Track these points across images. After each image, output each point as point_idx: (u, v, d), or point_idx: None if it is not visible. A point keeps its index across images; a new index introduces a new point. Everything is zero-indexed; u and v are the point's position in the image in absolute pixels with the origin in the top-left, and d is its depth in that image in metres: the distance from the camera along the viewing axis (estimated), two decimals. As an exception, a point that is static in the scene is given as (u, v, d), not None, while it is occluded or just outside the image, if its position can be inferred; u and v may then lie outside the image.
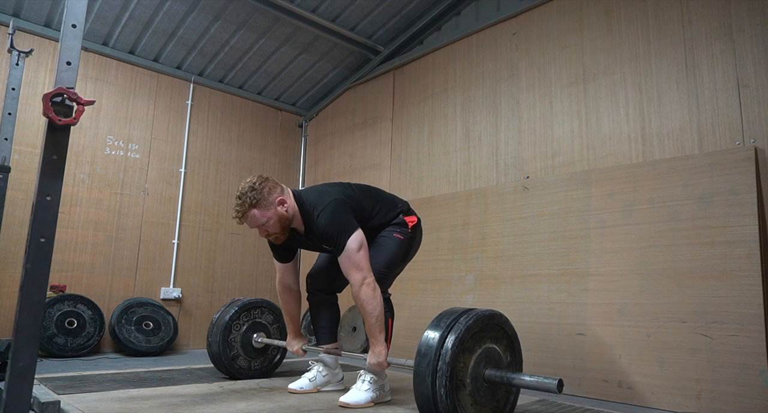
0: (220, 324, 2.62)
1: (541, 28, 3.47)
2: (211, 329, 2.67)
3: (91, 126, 4.10)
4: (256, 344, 2.73)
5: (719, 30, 2.64)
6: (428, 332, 1.69)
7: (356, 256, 2.03)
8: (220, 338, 2.60)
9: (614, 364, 2.54)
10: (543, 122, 3.35)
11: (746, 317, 2.19)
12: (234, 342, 2.66)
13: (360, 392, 2.09)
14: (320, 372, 2.40)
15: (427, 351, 1.63)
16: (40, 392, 1.98)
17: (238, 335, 2.69)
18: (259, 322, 2.79)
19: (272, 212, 2.10)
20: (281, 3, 3.95)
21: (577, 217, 2.89)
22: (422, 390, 1.61)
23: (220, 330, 2.61)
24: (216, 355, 2.63)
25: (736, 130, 2.52)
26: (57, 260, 3.76)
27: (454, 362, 1.59)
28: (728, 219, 2.34)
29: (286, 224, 2.15)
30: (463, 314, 1.70)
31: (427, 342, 1.65)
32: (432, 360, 1.60)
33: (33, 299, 1.39)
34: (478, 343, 1.71)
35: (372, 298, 2.02)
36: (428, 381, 1.58)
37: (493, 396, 1.75)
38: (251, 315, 2.76)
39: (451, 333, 1.63)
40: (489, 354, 1.73)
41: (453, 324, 1.66)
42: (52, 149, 1.46)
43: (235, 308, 2.68)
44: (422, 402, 1.62)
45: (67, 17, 1.50)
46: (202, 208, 4.64)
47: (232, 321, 2.65)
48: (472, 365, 1.67)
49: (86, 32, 4.02)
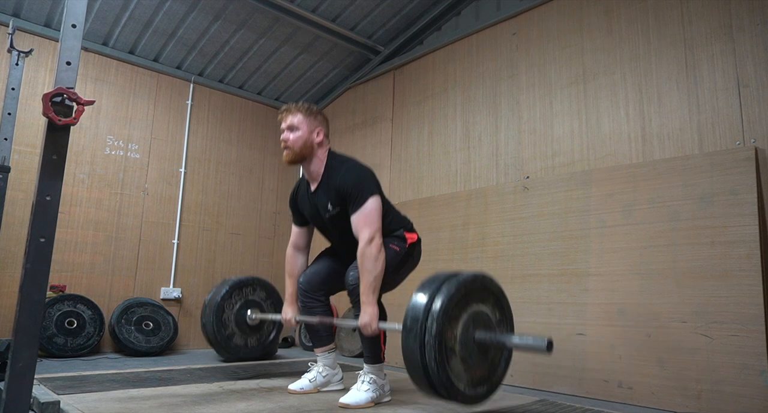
0: (213, 305, 2.60)
1: (541, 28, 3.47)
2: (204, 310, 2.65)
3: (91, 126, 4.10)
4: (250, 321, 2.69)
5: (719, 30, 2.64)
6: (412, 302, 1.64)
7: (373, 214, 2.08)
8: (214, 318, 2.57)
9: (614, 364, 2.54)
10: (543, 122, 3.35)
11: (746, 317, 2.19)
12: (228, 321, 2.63)
13: (360, 392, 2.09)
14: (320, 372, 2.40)
15: (412, 325, 1.58)
16: (40, 392, 1.98)
17: (232, 314, 2.65)
18: (252, 300, 2.76)
19: (306, 130, 2.20)
20: (281, 3, 3.95)
21: (577, 217, 2.89)
22: (413, 362, 1.58)
23: (213, 311, 2.58)
24: (211, 336, 2.60)
25: (736, 130, 2.52)
26: (57, 260, 3.76)
27: (441, 333, 1.55)
28: (728, 219, 2.34)
29: (306, 150, 2.21)
30: (444, 281, 1.65)
31: (413, 313, 1.61)
32: (418, 333, 1.55)
33: (33, 299, 1.39)
34: (464, 308, 1.67)
35: (376, 257, 2.02)
36: (417, 354, 1.55)
37: (485, 357, 1.73)
38: (243, 292, 2.73)
39: (435, 302, 1.58)
40: (477, 316, 1.70)
41: (436, 292, 1.61)
42: (52, 149, 1.46)
43: (226, 287, 2.65)
44: (415, 374, 1.59)
45: (67, 17, 1.50)
46: (202, 208, 4.64)
47: (224, 301, 2.62)
48: (460, 331, 1.64)
49: (86, 32, 4.02)
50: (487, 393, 1.79)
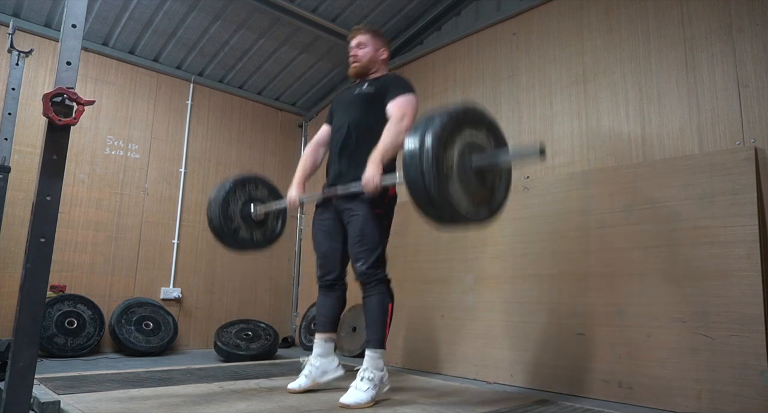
0: (218, 199, 2.64)
1: (541, 28, 3.47)
2: (209, 206, 2.69)
3: (91, 126, 4.10)
4: (255, 216, 2.73)
5: (719, 30, 2.64)
6: (408, 141, 1.72)
7: (411, 106, 2.31)
8: (220, 211, 2.61)
9: (614, 364, 2.54)
10: (543, 122, 3.35)
11: (746, 317, 2.19)
12: (233, 215, 2.66)
13: (359, 392, 2.09)
14: (313, 364, 2.40)
15: (411, 159, 1.66)
16: (40, 392, 1.98)
17: (237, 208, 2.69)
18: (255, 196, 2.79)
19: (372, 48, 2.50)
20: (281, 3, 3.95)
21: (577, 217, 2.89)
22: (417, 195, 1.66)
23: (219, 204, 2.62)
24: (218, 229, 2.64)
25: (736, 130, 2.52)
26: (57, 260, 3.76)
27: (437, 159, 1.63)
28: (728, 219, 2.34)
29: (371, 64, 2.51)
30: (436, 115, 1.74)
31: (410, 147, 1.69)
32: (417, 164, 1.64)
33: (33, 299, 1.39)
34: (457, 136, 1.74)
35: (399, 134, 2.17)
36: (420, 186, 1.63)
37: (484, 182, 1.80)
38: (246, 189, 2.77)
39: (428, 134, 1.66)
40: (471, 144, 1.78)
41: (428, 126, 1.69)
42: (52, 149, 1.46)
43: (230, 183, 2.70)
44: (422, 205, 1.68)
45: (67, 17, 1.50)
46: (202, 208, 4.63)
47: (229, 195, 2.66)
48: (456, 157, 1.71)
49: (86, 32, 4.02)
50: (489, 215, 1.86)
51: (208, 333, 4.42)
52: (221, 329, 4.02)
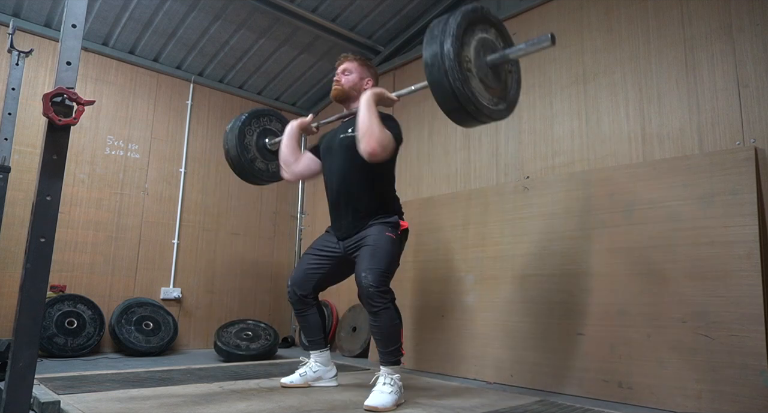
0: (234, 130, 2.67)
1: (541, 28, 3.47)
2: (226, 137, 2.72)
3: (91, 126, 4.10)
4: (270, 146, 2.76)
5: (719, 30, 2.64)
6: (426, 44, 1.80)
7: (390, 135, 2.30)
8: (237, 142, 2.64)
9: (614, 364, 2.54)
10: (543, 122, 3.35)
11: (746, 317, 2.19)
12: (250, 145, 2.70)
13: (384, 394, 2.05)
14: (310, 367, 2.41)
15: (433, 59, 1.75)
16: (40, 392, 1.98)
17: (252, 139, 2.72)
18: (269, 129, 2.82)
19: (357, 76, 2.47)
20: (281, 3, 3.95)
21: (577, 217, 2.89)
22: (442, 90, 1.76)
23: (235, 135, 2.66)
24: (235, 159, 2.67)
25: (736, 130, 2.52)
26: (57, 260, 3.76)
27: (458, 56, 1.74)
28: (728, 219, 2.34)
29: (353, 92, 2.47)
30: (448, 17, 1.81)
31: (430, 50, 1.77)
32: (440, 64, 1.73)
33: (33, 299, 1.39)
34: (471, 35, 1.85)
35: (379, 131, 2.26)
36: (445, 81, 1.73)
37: (499, 77, 1.92)
38: (261, 122, 2.80)
39: (446, 34, 1.75)
40: (484, 42, 1.88)
41: (444, 28, 1.78)
42: (52, 149, 1.46)
43: (245, 114, 2.74)
44: (443, 98, 1.77)
45: (67, 17, 1.50)
46: (202, 208, 4.64)
47: (245, 126, 2.69)
48: (473, 54, 1.82)
49: (86, 32, 4.02)
50: (507, 110, 1.98)
51: (208, 333, 4.42)
52: (221, 329, 4.02)
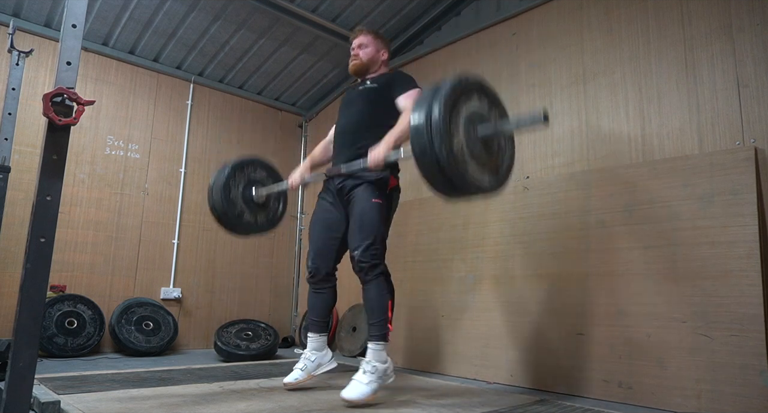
0: (219, 186, 2.62)
1: (541, 28, 3.47)
2: (210, 193, 2.67)
3: (91, 126, 4.10)
4: (257, 198, 2.72)
5: (719, 30, 2.64)
6: (413, 114, 1.72)
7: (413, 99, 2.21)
8: (222, 197, 2.59)
9: (614, 364, 2.54)
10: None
11: (746, 317, 2.19)
12: (236, 199, 2.65)
13: (361, 385, 2.08)
14: (308, 358, 2.40)
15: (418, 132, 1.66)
16: (40, 392, 1.98)
17: (238, 192, 2.67)
18: (255, 178, 2.78)
19: (374, 49, 2.58)
20: (281, 3, 3.95)
21: (577, 217, 2.89)
22: (426, 165, 1.66)
23: (220, 190, 2.61)
24: (222, 215, 2.63)
25: (736, 130, 2.52)
26: (57, 260, 3.76)
27: (445, 131, 1.64)
28: (728, 219, 2.34)
29: (371, 64, 2.58)
30: (439, 87, 1.73)
31: (416, 122, 1.69)
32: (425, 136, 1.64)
33: (33, 299, 1.39)
34: (462, 108, 1.75)
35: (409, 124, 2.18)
36: (429, 156, 1.64)
37: (490, 150, 1.82)
38: (245, 172, 2.76)
39: (433, 106, 1.67)
40: (473, 115, 1.79)
41: (433, 98, 1.69)
42: (52, 149, 1.46)
43: (228, 168, 2.68)
44: (431, 176, 1.68)
45: (67, 17, 1.50)
46: (202, 208, 4.63)
47: (229, 180, 2.64)
48: (462, 128, 1.72)
49: (86, 32, 4.01)
50: (499, 183, 1.88)
51: (208, 333, 4.42)
52: (221, 329, 4.03)
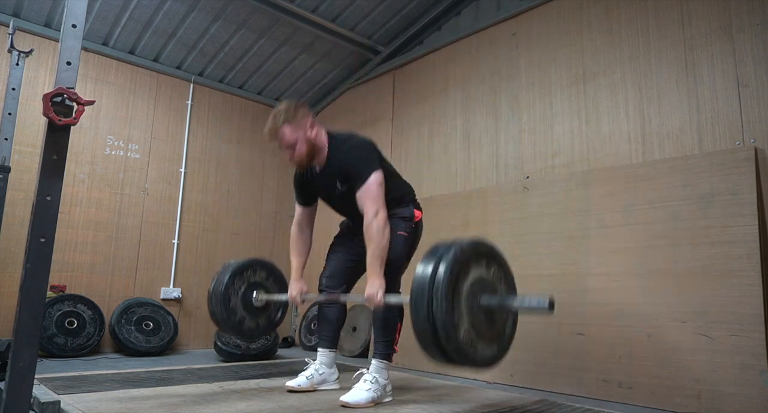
0: (218, 294, 2.62)
1: (541, 28, 3.47)
2: (210, 300, 2.67)
3: (91, 126, 4.10)
4: (257, 303, 2.72)
5: (719, 30, 2.64)
6: (421, 264, 1.67)
7: (375, 189, 2.10)
8: (222, 307, 2.59)
9: (614, 364, 2.54)
10: (543, 121, 3.35)
11: (746, 317, 2.19)
12: (236, 307, 2.65)
13: (361, 391, 2.09)
14: (317, 370, 2.40)
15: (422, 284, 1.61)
16: (40, 392, 1.98)
17: (238, 299, 2.67)
18: (255, 281, 2.78)
19: (302, 134, 2.17)
20: (281, 3, 3.95)
21: (577, 217, 2.89)
22: (419, 316, 1.60)
23: (219, 300, 2.61)
24: (222, 323, 2.63)
25: (736, 130, 2.52)
26: (57, 260, 3.76)
27: (449, 289, 1.58)
28: (728, 219, 2.34)
29: (312, 151, 2.21)
30: (451, 245, 1.68)
31: (421, 273, 1.64)
32: (426, 289, 1.59)
33: (33, 299, 1.38)
34: (469, 271, 1.69)
35: (381, 232, 2.05)
36: (425, 308, 1.58)
37: (493, 323, 1.75)
38: (244, 277, 2.75)
39: (443, 263, 1.61)
40: (482, 282, 1.72)
41: (444, 254, 1.64)
42: (52, 149, 1.45)
43: (226, 276, 2.67)
44: (420, 328, 1.62)
45: (67, 17, 1.50)
46: (202, 208, 4.63)
47: (228, 289, 2.64)
48: (466, 293, 1.65)
49: (86, 32, 4.01)
50: (499, 355, 1.80)
51: (208, 333, 4.42)
52: (221, 329, 4.02)
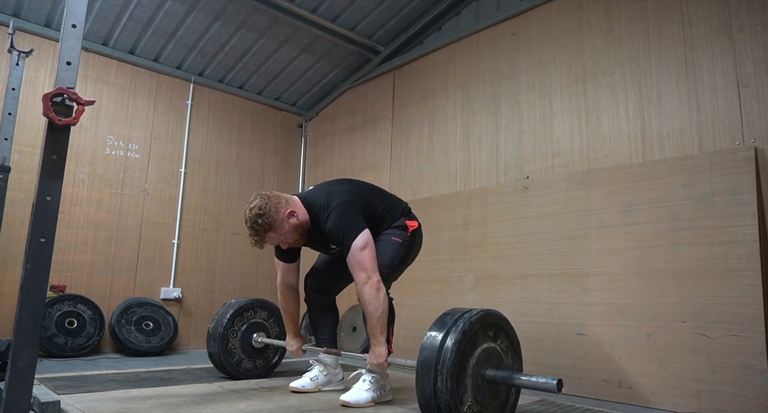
0: (217, 335, 2.64)
1: (541, 28, 3.47)
2: (209, 339, 2.69)
3: (91, 126, 4.10)
4: (256, 344, 2.75)
5: (719, 30, 2.64)
6: (429, 335, 1.71)
7: (361, 255, 2.05)
8: (220, 349, 2.63)
9: (614, 364, 2.54)
10: (543, 122, 3.35)
11: (746, 317, 2.19)
12: (234, 348, 2.69)
13: (361, 391, 2.10)
14: (321, 371, 2.40)
15: (428, 358, 1.64)
16: (40, 392, 1.98)
17: (237, 341, 2.70)
18: (255, 322, 2.80)
19: (287, 228, 2.12)
20: (281, 3, 3.95)
21: (577, 217, 2.89)
22: (424, 391, 1.63)
23: (218, 341, 2.64)
24: (219, 364, 2.67)
25: (736, 130, 2.52)
26: (57, 260, 3.76)
27: (455, 365, 1.61)
28: (728, 219, 2.34)
29: (302, 230, 2.18)
30: (461, 316, 1.72)
31: (428, 345, 1.68)
32: (433, 364, 1.62)
33: (33, 299, 1.38)
34: (477, 344, 1.73)
35: (374, 298, 2.03)
36: (430, 383, 1.61)
37: (495, 395, 1.77)
38: (245, 317, 2.77)
39: (451, 336, 1.65)
40: (489, 354, 1.75)
41: (452, 326, 1.68)
42: (52, 149, 1.45)
43: (227, 316, 2.69)
44: (424, 402, 1.64)
45: (67, 17, 1.50)
46: (202, 208, 4.63)
47: (228, 330, 2.67)
48: (472, 366, 1.69)
49: (86, 32, 4.01)
50: None
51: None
52: (221, 329, 4.02)
